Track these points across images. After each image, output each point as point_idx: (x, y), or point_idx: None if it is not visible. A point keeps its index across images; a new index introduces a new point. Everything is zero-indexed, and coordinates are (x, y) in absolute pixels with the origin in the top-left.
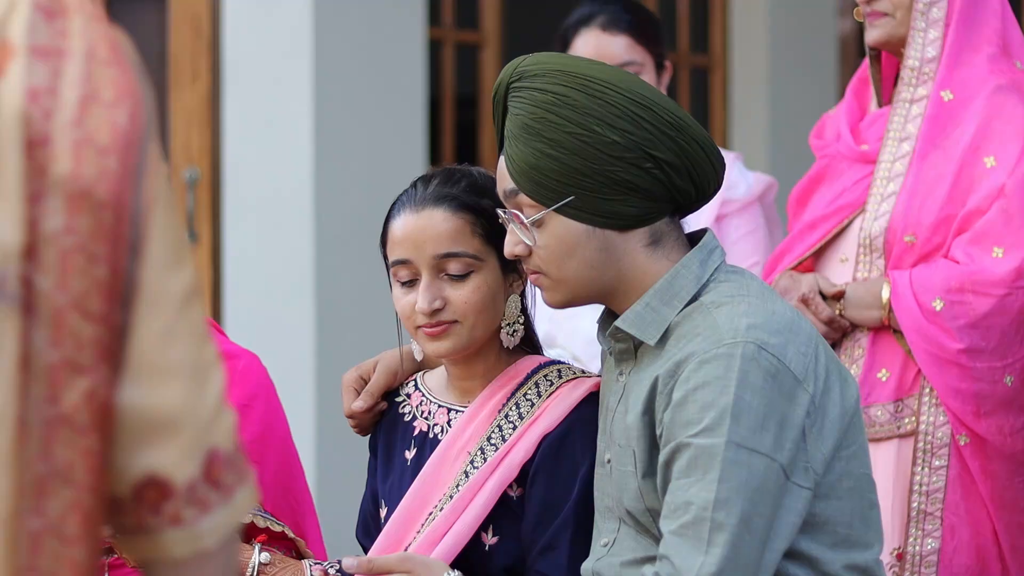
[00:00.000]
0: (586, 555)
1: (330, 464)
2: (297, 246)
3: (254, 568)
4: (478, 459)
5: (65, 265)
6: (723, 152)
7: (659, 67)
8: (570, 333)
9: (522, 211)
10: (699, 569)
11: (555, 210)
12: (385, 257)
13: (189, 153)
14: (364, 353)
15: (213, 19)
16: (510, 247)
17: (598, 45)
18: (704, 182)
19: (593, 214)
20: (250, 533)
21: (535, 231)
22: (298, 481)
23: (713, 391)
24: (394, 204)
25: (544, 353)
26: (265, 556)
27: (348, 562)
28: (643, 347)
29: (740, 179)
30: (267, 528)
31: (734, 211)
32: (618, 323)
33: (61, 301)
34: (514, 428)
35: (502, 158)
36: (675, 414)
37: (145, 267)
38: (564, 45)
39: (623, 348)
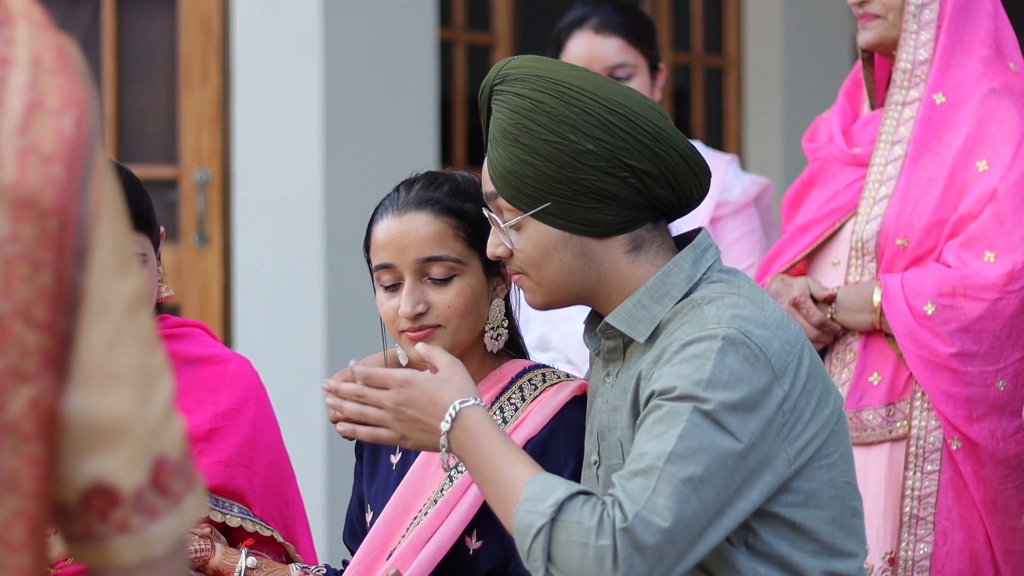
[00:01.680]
0: None
1: (340, 466)
2: (307, 247)
3: (241, 572)
4: (463, 464)
5: (9, 273)
6: (718, 154)
7: (653, 69)
8: (565, 336)
9: (502, 214)
10: (648, 516)
11: (532, 216)
12: (369, 262)
13: (199, 155)
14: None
15: (223, 21)
16: (492, 248)
17: (591, 47)
18: (685, 191)
19: (569, 221)
20: (238, 537)
21: (514, 234)
22: (289, 485)
23: (691, 366)
24: (377, 208)
25: (539, 356)
26: (252, 560)
27: (422, 348)
28: (632, 346)
29: (735, 181)
30: (256, 532)
31: (729, 213)
32: (608, 319)
33: (5, 309)
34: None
35: (486, 160)
36: (654, 387)
37: (91, 274)
38: (558, 48)
39: (612, 346)
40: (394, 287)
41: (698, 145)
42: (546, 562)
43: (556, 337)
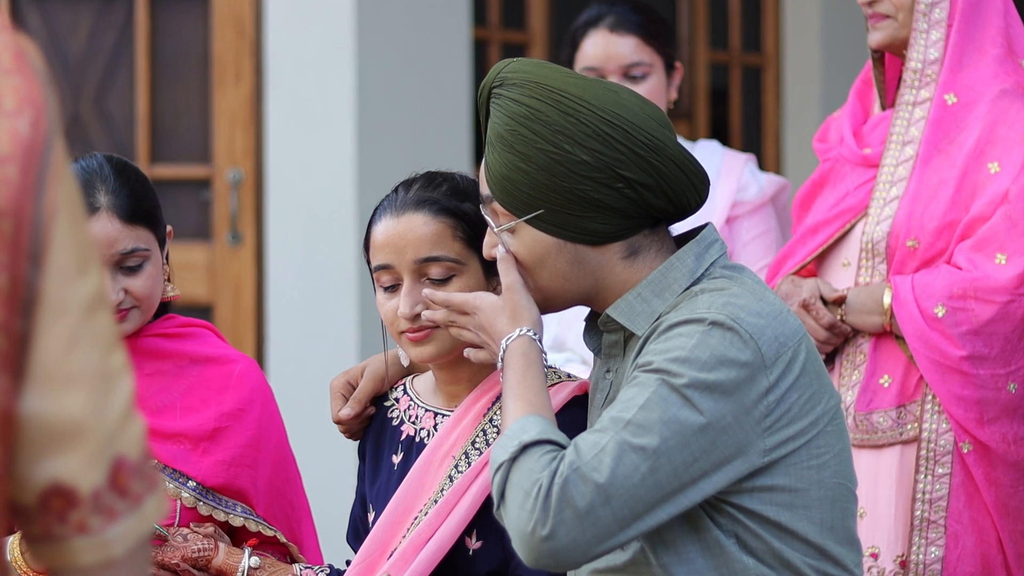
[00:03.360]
0: None
1: None
2: (340, 246)
3: (243, 572)
4: (462, 463)
5: None
6: (735, 153)
7: (669, 68)
8: (579, 336)
9: (497, 217)
10: (586, 471)
11: (526, 222)
12: (369, 262)
13: (233, 154)
14: None
15: (256, 20)
16: (487, 249)
17: (606, 46)
18: (682, 200)
19: (563, 229)
20: (243, 536)
21: (509, 238)
22: (294, 486)
23: (673, 343)
24: (376, 209)
25: (554, 356)
26: (255, 560)
27: (499, 252)
28: (631, 341)
29: (752, 180)
30: (259, 532)
31: (745, 213)
32: (609, 311)
33: None
34: (498, 432)
35: (483, 162)
36: (637, 362)
37: (47, 275)
38: (573, 46)
39: (613, 341)
40: (393, 288)
41: (714, 145)
42: (499, 499)
43: (571, 337)
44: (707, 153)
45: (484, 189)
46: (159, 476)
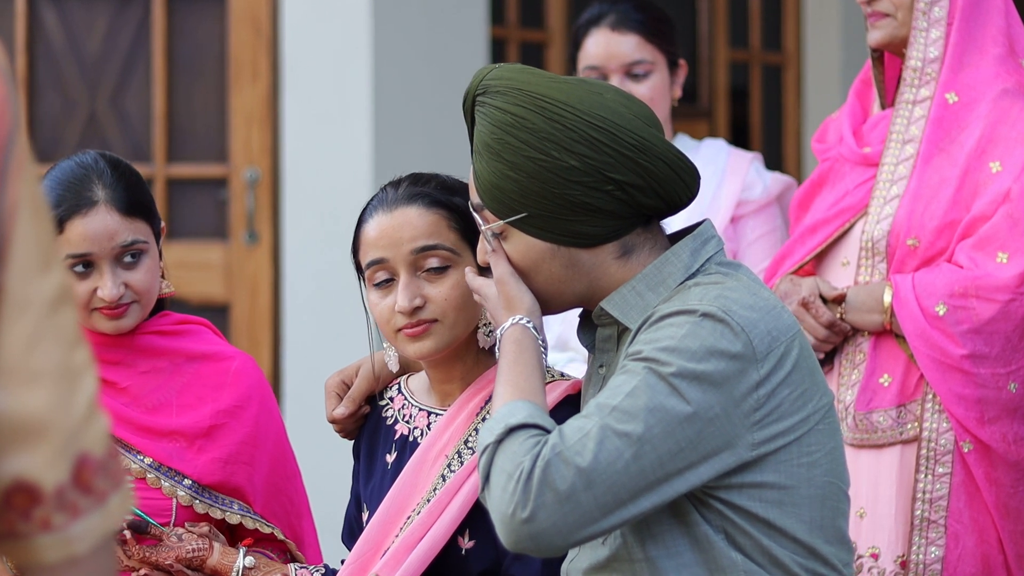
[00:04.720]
0: (559, 559)
1: None
2: None
3: (238, 572)
4: (455, 463)
5: None
6: (740, 152)
7: (672, 65)
8: None
9: (489, 224)
10: (569, 455)
11: (518, 228)
12: (357, 265)
13: (249, 153)
14: None
15: (273, 19)
16: (481, 255)
17: (608, 45)
18: (673, 197)
19: (555, 233)
20: (240, 534)
21: (501, 244)
22: (293, 483)
23: (663, 333)
24: (364, 210)
25: (557, 355)
26: (249, 560)
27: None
28: (625, 335)
29: (757, 180)
30: (256, 529)
31: (750, 212)
32: (603, 304)
33: None
34: None
35: (472, 171)
36: (628, 353)
37: (9, 272)
38: (575, 45)
39: (607, 335)
40: (387, 286)
41: (719, 143)
42: (483, 482)
43: (574, 337)
44: (712, 152)
45: (474, 197)
46: (124, 473)
